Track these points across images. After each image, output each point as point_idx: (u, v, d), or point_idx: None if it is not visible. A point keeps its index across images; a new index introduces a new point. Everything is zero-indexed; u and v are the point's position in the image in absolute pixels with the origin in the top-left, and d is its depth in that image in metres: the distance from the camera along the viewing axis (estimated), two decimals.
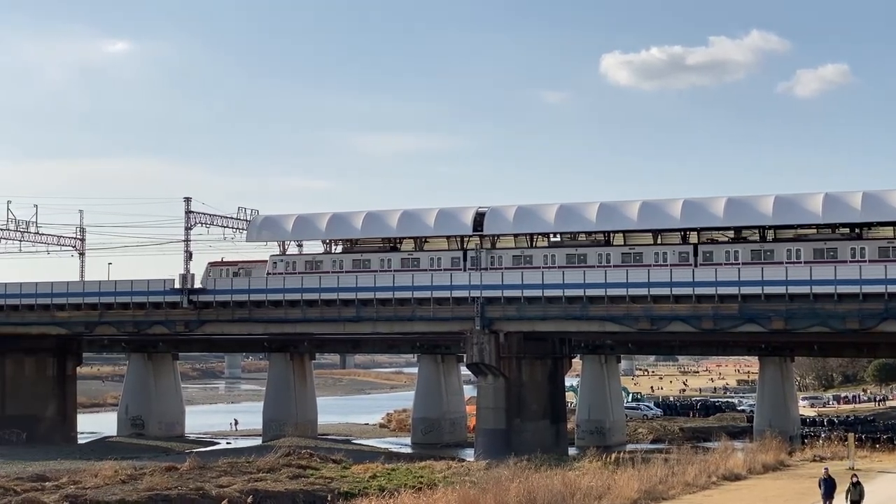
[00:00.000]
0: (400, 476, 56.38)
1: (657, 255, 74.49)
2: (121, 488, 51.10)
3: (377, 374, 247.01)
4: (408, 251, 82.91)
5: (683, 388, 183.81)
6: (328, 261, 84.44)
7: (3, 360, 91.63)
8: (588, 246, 77.45)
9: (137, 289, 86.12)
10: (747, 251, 72.66)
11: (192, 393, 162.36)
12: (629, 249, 75.52)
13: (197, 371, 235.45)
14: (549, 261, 76.90)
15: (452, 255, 79.88)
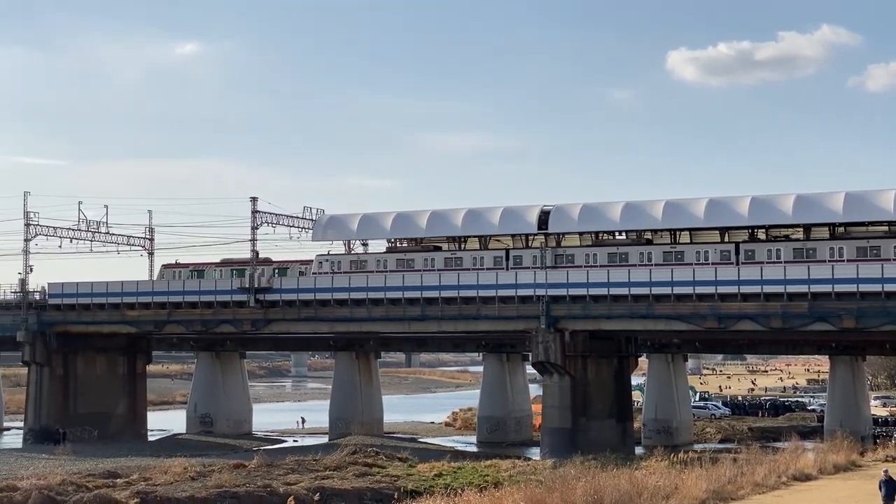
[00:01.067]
0: (465, 475, 56.42)
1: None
2: (190, 485, 51.72)
3: (442, 373, 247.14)
4: (446, 251, 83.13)
5: (752, 388, 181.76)
6: (372, 260, 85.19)
7: (76, 359, 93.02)
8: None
9: (205, 288, 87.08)
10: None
11: (259, 391, 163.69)
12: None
13: (264, 370, 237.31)
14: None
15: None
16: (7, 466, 67.86)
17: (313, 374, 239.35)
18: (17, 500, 46.40)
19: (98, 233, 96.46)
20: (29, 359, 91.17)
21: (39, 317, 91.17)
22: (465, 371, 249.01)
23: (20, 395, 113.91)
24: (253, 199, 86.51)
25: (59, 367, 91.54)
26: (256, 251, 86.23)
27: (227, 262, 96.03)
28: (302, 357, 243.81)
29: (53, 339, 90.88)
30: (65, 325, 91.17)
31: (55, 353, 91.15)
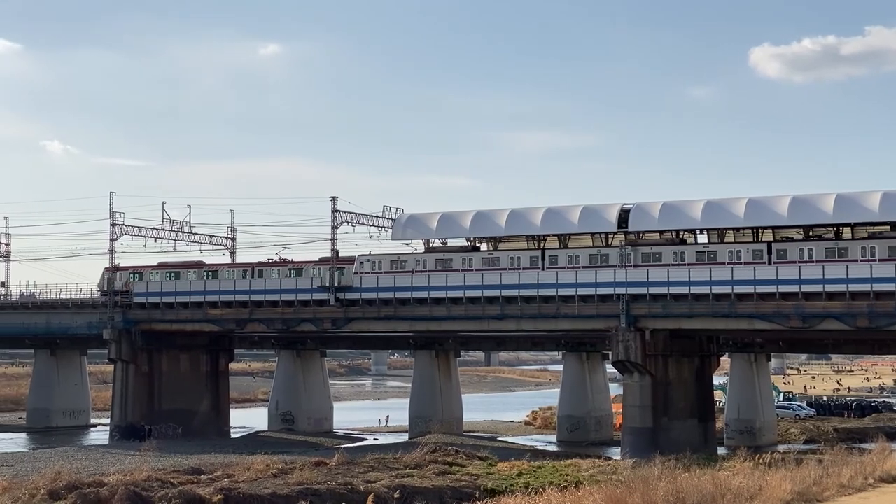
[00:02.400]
0: (546, 474, 56.21)
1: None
2: (272, 482, 52.21)
3: (522, 372, 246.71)
4: (484, 251, 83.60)
5: (837, 388, 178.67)
6: (412, 260, 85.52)
7: (160, 357, 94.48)
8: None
9: (286, 287, 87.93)
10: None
11: (339, 389, 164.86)
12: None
13: (344, 368, 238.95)
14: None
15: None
16: (94, 462, 69.15)
17: (393, 372, 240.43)
18: (104, 495, 47.17)
19: (181, 232, 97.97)
20: (115, 356, 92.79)
21: (125, 315, 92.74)
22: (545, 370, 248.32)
23: (107, 393, 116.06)
24: (333, 199, 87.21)
25: (144, 365, 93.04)
26: (336, 250, 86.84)
27: (163, 266, 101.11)
28: (382, 355, 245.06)
29: (138, 337, 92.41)
30: (149, 324, 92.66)
31: (140, 351, 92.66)
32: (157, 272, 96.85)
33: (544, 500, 41.13)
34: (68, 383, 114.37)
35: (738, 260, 73.78)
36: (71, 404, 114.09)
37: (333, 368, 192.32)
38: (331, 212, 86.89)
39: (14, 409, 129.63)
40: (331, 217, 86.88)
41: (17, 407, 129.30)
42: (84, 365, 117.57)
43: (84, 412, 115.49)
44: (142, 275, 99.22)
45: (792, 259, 72.16)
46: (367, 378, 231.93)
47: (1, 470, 62.44)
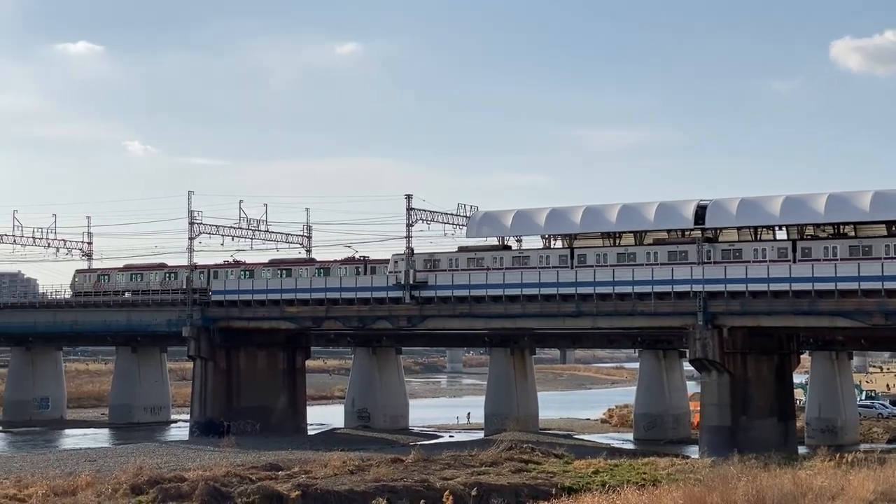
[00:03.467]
0: (623, 472, 55.86)
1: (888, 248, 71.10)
2: (349, 478, 52.52)
3: (597, 370, 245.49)
4: (514, 251, 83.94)
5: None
6: (444, 259, 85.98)
7: (238, 354, 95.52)
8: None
9: (361, 284, 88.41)
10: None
11: (414, 387, 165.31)
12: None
13: (419, 365, 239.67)
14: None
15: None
16: (175, 458, 70.14)
17: (468, 370, 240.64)
18: (185, 490, 47.80)
19: (258, 230, 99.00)
20: (194, 353, 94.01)
21: (203, 313, 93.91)
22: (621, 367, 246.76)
23: (186, 389, 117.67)
24: (408, 197, 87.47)
25: (223, 362, 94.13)
26: (411, 248, 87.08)
27: (129, 267, 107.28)
28: (457, 353, 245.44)
29: (217, 335, 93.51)
30: (227, 321, 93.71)
31: (219, 349, 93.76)
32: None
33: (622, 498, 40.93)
34: (149, 380, 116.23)
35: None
36: (152, 401, 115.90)
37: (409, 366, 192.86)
38: (406, 210, 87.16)
39: (97, 405, 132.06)
40: (406, 215, 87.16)
41: (99, 403, 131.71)
42: (164, 362, 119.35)
43: (164, 408, 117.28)
44: (109, 276, 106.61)
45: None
46: (442, 375, 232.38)
47: (84, 465, 63.62)
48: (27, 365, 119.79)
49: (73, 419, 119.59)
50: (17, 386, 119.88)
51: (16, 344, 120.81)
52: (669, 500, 38.63)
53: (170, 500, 46.93)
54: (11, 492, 48.02)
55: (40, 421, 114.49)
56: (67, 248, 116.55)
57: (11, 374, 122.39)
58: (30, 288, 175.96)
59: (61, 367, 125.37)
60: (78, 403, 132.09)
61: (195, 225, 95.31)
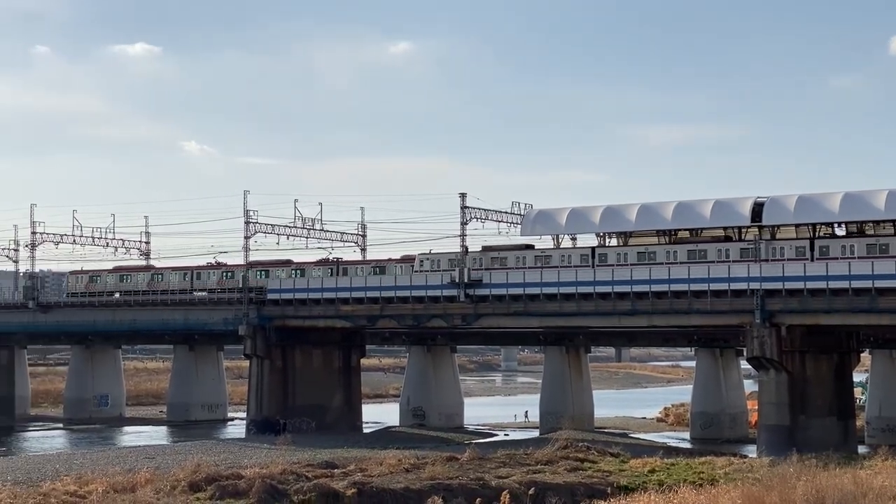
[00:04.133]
0: (679, 471, 55.48)
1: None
2: (404, 476, 52.65)
3: (653, 368, 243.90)
4: (537, 250, 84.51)
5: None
6: (469, 258, 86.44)
7: (293, 352, 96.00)
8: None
9: (416, 283, 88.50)
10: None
11: (469, 385, 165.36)
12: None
13: (474, 364, 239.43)
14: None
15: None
16: (232, 455, 70.69)
17: (523, 368, 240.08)
18: (242, 488, 48.17)
19: (313, 229, 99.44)
20: (250, 352, 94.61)
21: (259, 311, 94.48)
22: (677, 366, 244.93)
23: (242, 387, 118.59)
24: (462, 195, 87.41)
25: (279, 360, 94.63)
26: (466, 246, 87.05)
27: (118, 269, 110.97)
28: (512, 351, 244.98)
29: (273, 333, 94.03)
30: (283, 320, 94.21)
31: (274, 347, 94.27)
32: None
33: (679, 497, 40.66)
34: (206, 378, 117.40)
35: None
36: (209, 398, 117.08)
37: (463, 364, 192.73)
38: (460, 208, 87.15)
39: (155, 402, 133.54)
40: (460, 213, 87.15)
41: (157, 401, 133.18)
42: (221, 360, 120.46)
43: (221, 406, 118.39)
44: (98, 278, 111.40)
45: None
46: (496, 374, 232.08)
47: (143, 462, 64.27)
48: (87, 363, 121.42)
49: (131, 417, 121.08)
50: (78, 384, 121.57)
51: (76, 342, 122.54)
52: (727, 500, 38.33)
53: (227, 497, 47.34)
54: (72, 488, 48.67)
55: (100, 418, 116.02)
56: (126, 248, 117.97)
57: (72, 372, 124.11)
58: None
59: (120, 366, 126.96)
60: (137, 401, 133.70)
61: (251, 224, 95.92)
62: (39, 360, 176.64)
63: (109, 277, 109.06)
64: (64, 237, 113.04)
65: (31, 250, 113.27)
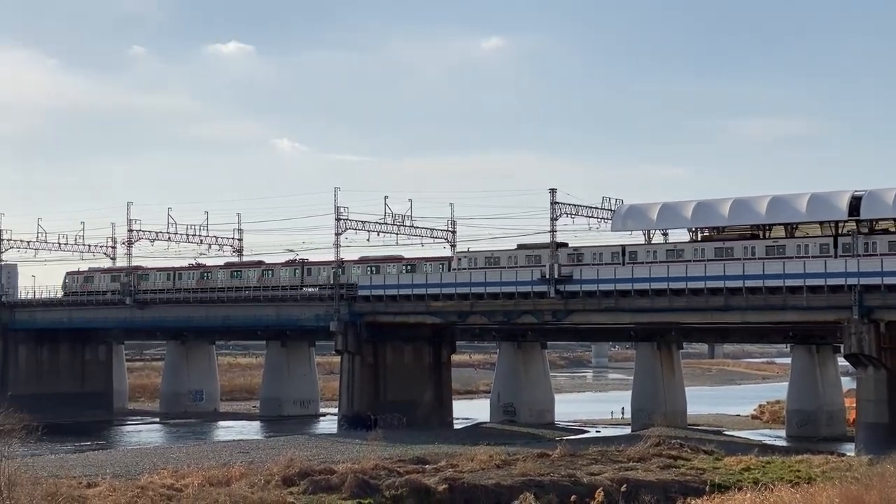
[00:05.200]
0: (775, 469, 54.63)
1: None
2: (496, 473, 52.64)
3: (747, 365, 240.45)
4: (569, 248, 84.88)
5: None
6: (504, 256, 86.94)
7: (384, 348, 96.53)
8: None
9: (506, 279, 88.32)
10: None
11: (560, 381, 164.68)
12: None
13: (564, 360, 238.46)
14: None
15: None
16: (324, 451, 71.33)
17: (614, 364, 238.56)
18: (335, 482, 48.58)
19: (403, 226, 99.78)
20: (341, 348, 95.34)
21: (350, 308, 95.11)
22: (772, 363, 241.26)
23: (334, 383, 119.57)
24: (552, 191, 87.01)
25: (370, 356, 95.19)
26: (555, 242, 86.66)
27: (110, 270, 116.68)
28: (602, 347, 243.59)
29: (363, 329, 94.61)
30: (374, 316, 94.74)
31: (365, 343, 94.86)
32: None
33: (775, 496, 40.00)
34: (298, 374, 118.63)
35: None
36: (301, 394, 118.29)
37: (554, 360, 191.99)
38: (550, 204, 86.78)
39: (248, 398, 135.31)
40: (550, 209, 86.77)
41: (250, 396, 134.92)
42: (312, 356, 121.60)
43: (313, 402, 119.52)
44: (91, 278, 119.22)
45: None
46: (587, 370, 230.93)
47: (237, 456, 65.18)
48: (182, 359, 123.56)
49: (225, 411, 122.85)
50: (173, 379, 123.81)
51: (171, 338, 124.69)
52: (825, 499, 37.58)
53: (320, 491, 47.79)
54: (169, 481, 49.52)
55: (195, 413, 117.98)
56: (219, 245, 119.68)
57: (167, 367, 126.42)
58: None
59: (214, 361, 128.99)
60: (230, 396, 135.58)
61: (342, 221, 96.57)
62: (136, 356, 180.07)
63: (101, 277, 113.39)
64: (159, 234, 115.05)
65: (127, 247, 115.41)
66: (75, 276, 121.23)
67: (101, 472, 57.48)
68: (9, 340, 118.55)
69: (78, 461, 67.43)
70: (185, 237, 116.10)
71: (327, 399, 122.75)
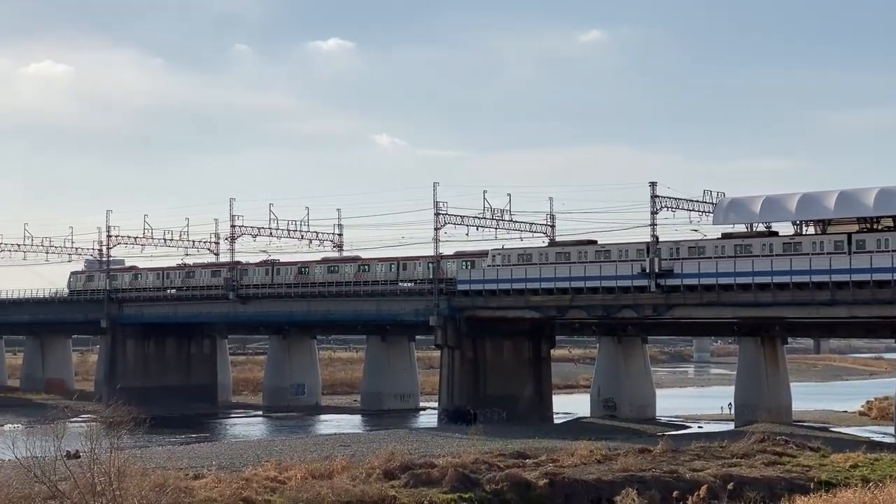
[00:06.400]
0: (884, 467, 53.40)
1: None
2: (596, 468, 52.34)
3: (854, 360, 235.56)
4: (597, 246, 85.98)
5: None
6: (536, 253, 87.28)
7: (484, 343, 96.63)
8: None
9: (606, 273, 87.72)
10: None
11: (661, 376, 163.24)
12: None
13: (665, 355, 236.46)
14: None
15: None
16: (424, 444, 71.59)
17: (716, 359, 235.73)
18: (435, 476, 48.74)
19: (502, 220, 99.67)
20: (441, 342, 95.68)
21: (450, 302, 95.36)
22: (880, 358, 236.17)
23: (433, 377, 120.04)
24: (652, 184, 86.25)
25: (469, 351, 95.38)
26: (656, 235, 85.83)
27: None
28: (704, 342, 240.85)
29: (463, 324, 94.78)
30: (473, 311, 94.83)
31: (465, 337, 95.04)
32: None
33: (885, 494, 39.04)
34: (398, 368, 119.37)
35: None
36: (401, 388, 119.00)
37: (654, 355, 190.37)
38: (650, 197, 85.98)
39: (349, 392, 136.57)
40: (650, 203, 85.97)
41: (351, 390, 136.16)
42: (412, 350, 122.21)
43: (413, 396, 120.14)
44: (94, 277, 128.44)
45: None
46: (689, 365, 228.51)
47: (339, 449, 65.77)
48: (284, 353, 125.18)
49: (326, 405, 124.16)
50: (276, 373, 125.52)
51: (273, 332, 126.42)
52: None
53: (420, 485, 47.96)
54: (273, 474, 50.16)
55: (297, 406, 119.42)
56: (319, 240, 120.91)
57: (270, 361, 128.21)
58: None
59: (315, 355, 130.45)
60: (331, 390, 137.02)
61: (440, 216, 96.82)
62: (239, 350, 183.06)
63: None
64: (261, 230, 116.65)
65: (230, 243, 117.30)
66: (78, 276, 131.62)
67: (206, 463, 58.49)
68: (117, 334, 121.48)
69: (184, 453, 68.75)
70: (285, 233, 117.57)
71: (427, 393, 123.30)
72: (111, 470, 37.90)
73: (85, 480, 38.06)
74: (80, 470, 39.44)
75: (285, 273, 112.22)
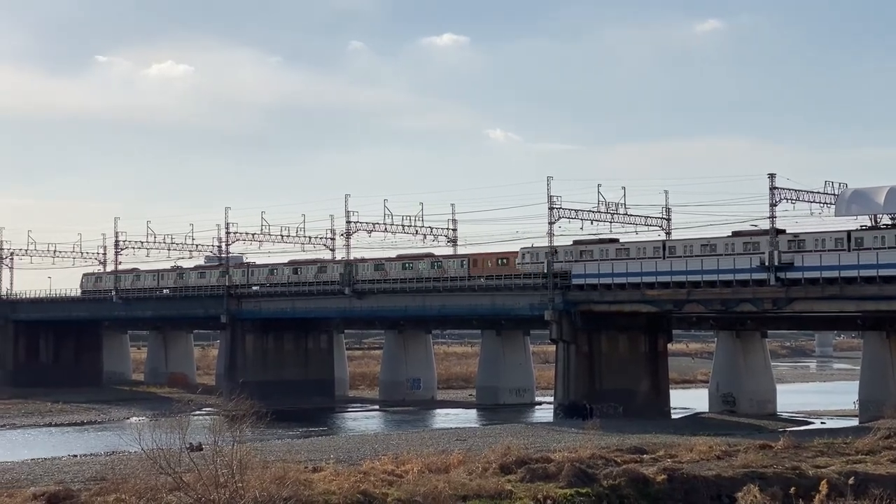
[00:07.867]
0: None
1: None
2: (716, 464, 51.61)
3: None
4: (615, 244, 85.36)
5: None
6: (562, 252, 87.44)
7: (599, 337, 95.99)
8: None
9: (724, 266, 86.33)
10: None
11: (781, 371, 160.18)
12: None
13: (786, 349, 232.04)
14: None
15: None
16: (541, 439, 71.48)
17: (839, 354, 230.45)
18: (551, 471, 48.54)
19: (617, 214, 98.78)
20: (556, 337, 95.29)
21: (564, 296, 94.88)
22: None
23: (548, 372, 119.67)
24: (771, 176, 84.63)
25: (585, 345, 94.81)
26: (775, 228, 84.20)
27: (115, 271, 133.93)
28: (826, 336, 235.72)
29: (578, 318, 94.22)
30: (588, 305, 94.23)
31: (580, 332, 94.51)
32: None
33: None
34: (513, 362, 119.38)
35: None
36: (516, 382, 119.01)
37: (774, 350, 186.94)
38: (769, 189, 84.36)
39: (464, 386, 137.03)
40: (769, 195, 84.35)
41: (466, 384, 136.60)
42: (527, 345, 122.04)
43: (528, 390, 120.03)
44: (102, 278, 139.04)
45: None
46: (810, 360, 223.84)
47: (455, 444, 66.04)
48: (400, 347, 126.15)
49: (442, 399, 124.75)
50: (392, 367, 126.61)
51: (389, 328, 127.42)
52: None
53: (537, 479, 47.82)
54: (390, 467, 50.55)
55: (413, 401, 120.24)
56: (433, 235, 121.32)
57: (386, 356, 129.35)
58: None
59: (431, 350, 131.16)
60: (447, 384, 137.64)
61: (554, 210, 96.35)
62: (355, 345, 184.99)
63: (107, 278, 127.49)
64: (376, 225, 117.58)
65: (346, 239, 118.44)
66: (89, 277, 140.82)
67: (324, 457, 59.28)
68: (236, 330, 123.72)
69: (303, 446, 69.79)
70: (400, 228, 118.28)
71: (542, 388, 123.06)
72: (233, 462, 38.67)
73: (208, 472, 38.90)
74: (204, 462, 40.34)
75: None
